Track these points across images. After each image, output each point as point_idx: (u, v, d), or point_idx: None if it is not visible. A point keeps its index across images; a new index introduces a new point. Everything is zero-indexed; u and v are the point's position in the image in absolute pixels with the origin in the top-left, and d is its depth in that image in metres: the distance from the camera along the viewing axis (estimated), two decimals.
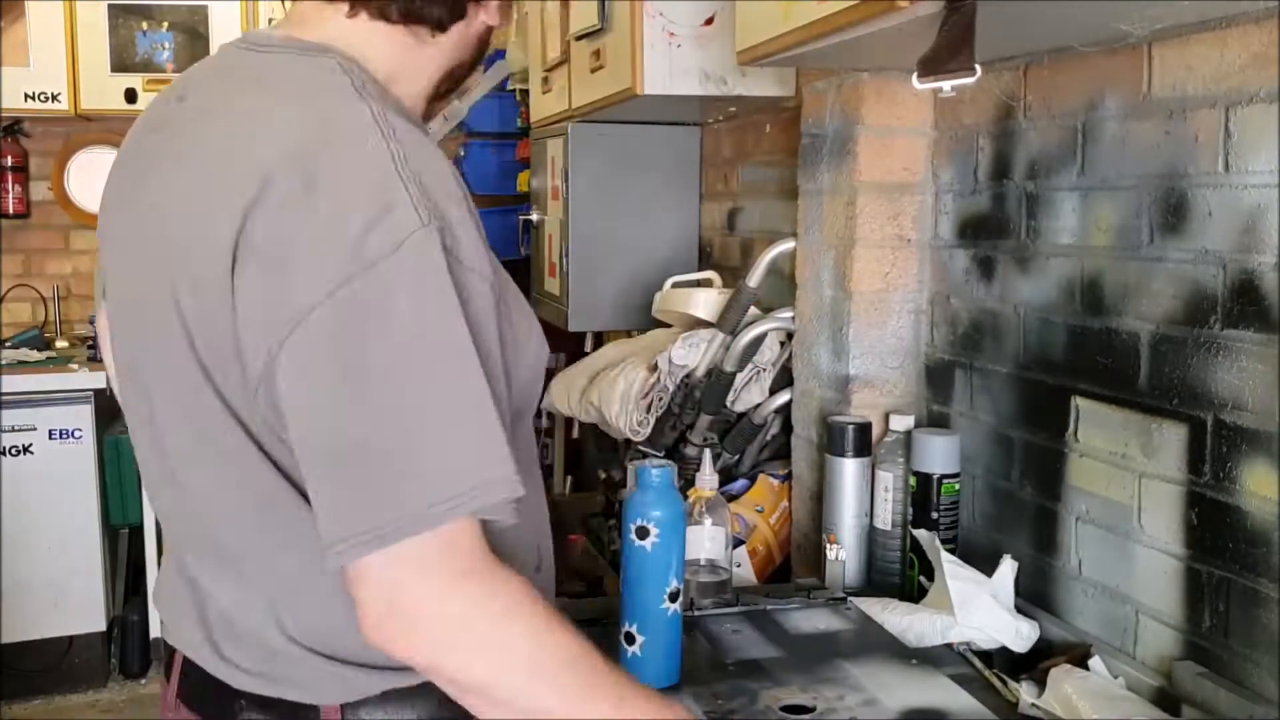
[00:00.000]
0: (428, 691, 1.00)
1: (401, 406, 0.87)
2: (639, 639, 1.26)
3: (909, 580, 1.63)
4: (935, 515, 1.59)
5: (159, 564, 3.47)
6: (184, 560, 1.07)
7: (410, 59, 1.07)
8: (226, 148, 0.96)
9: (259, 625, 1.01)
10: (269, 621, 1.00)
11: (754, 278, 1.99)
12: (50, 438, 3.43)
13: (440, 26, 1.06)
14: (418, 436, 0.87)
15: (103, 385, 3.41)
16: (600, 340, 2.99)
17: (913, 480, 1.62)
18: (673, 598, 1.25)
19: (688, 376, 2.08)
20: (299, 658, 1.00)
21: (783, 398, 1.98)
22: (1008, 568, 1.46)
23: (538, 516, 1.15)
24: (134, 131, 1.09)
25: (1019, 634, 1.41)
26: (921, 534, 1.57)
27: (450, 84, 1.14)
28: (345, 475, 0.89)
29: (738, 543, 1.81)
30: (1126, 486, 1.36)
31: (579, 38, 2.32)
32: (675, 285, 2.39)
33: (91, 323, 3.60)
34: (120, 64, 3.70)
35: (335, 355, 0.87)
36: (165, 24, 3.73)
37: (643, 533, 1.24)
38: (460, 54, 1.11)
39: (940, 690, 1.28)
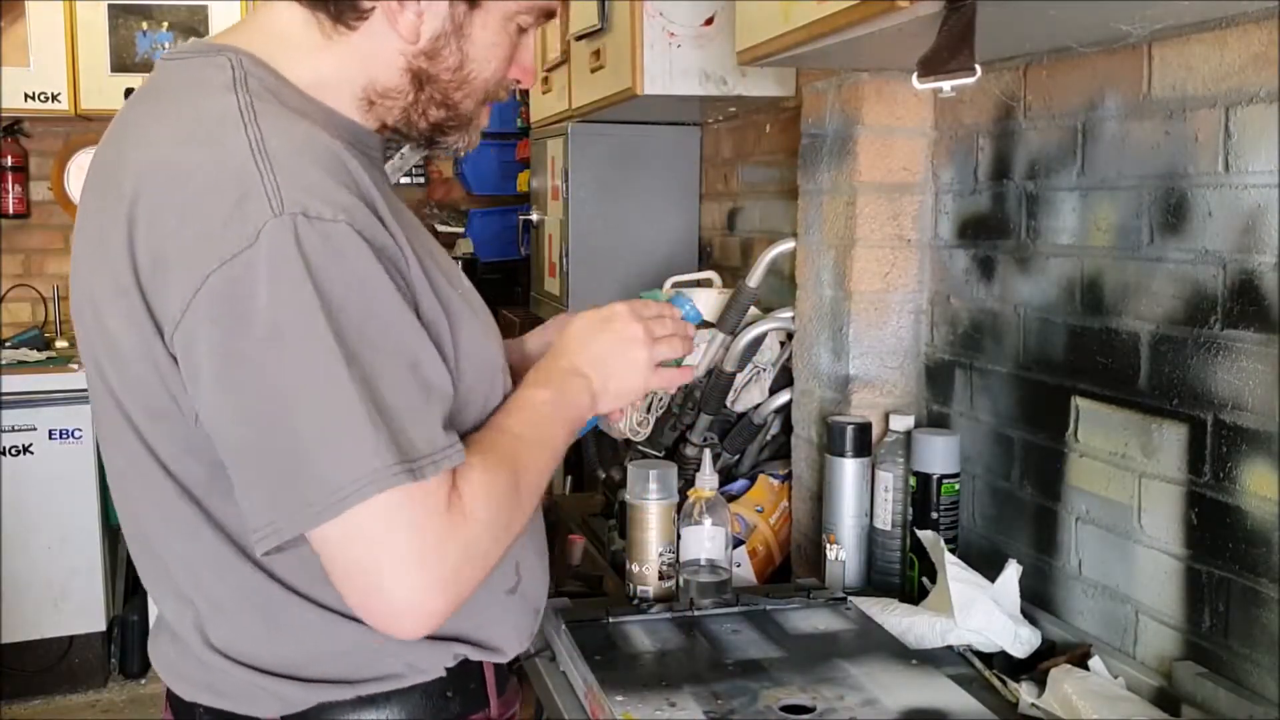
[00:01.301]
0: (371, 703, 1.01)
1: (271, 403, 0.86)
2: None
3: (909, 580, 1.63)
4: (935, 515, 1.59)
5: None
6: (141, 572, 1.08)
7: (320, 61, 1.02)
8: (115, 162, 0.97)
9: (190, 637, 1.02)
10: (197, 634, 1.01)
11: (754, 278, 1.99)
12: (50, 438, 3.43)
13: (339, 18, 1.00)
14: (287, 435, 0.86)
15: None
16: None
17: (913, 480, 1.62)
18: None
19: None
20: (228, 670, 1.00)
21: (783, 398, 1.98)
22: (1012, 572, 1.46)
23: (526, 539, 1.12)
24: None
25: (1019, 639, 1.41)
26: (926, 535, 1.57)
27: (397, 119, 1.07)
28: (241, 469, 0.90)
29: (738, 543, 1.80)
30: (1126, 486, 1.36)
31: (579, 38, 2.32)
32: (675, 285, 2.39)
33: None
34: (120, 64, 3.70)
35: (210, 351, 0.87)
36: (165, 24, 3.73)
37: None
38: (375, 68, 1.03)
39: (940, 690, 1.28)
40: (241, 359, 0.86)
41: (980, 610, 1.41)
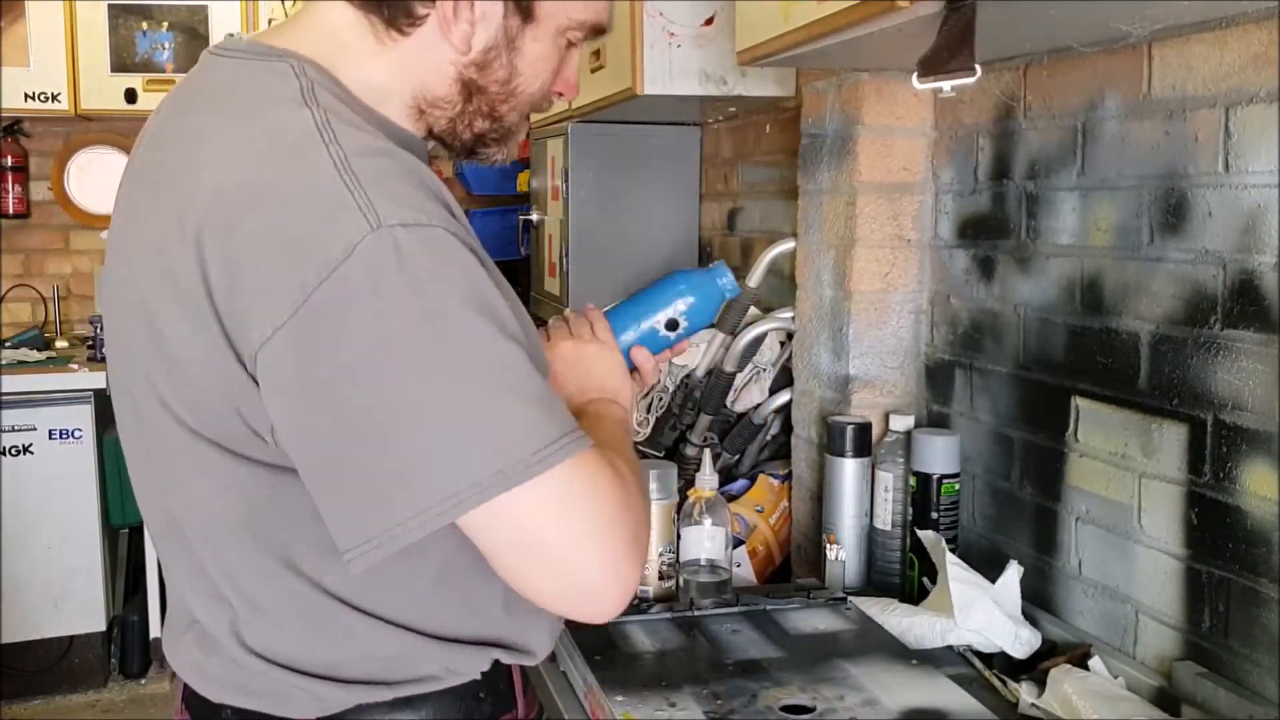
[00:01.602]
0: (407, 705, 1.00)
1: (375, 414, 0.84)
2: None
3: (909, 580, 1.63)
4: (935, 515, 1.59)
5: (159, 564, 3.47)
6: (171, 571, 1.07)
7: (373, 67, 1.01)
8: (178, 167, 0.94)
9: (224, 638, 1.01)
10: (232, 636, 1.00)
11: (754, 278, 1.99)
12: (50, 438, 3.43)
13: (392, 22, 0.99)
14: (392, 447, 0.85)
15: (103, 385, 3.41)
16: None
17: (913, 480, 1.62)
18: (670, 326, 1.34)
19: (688, 376, 2.08)
20: (265, 671, 0.99)
21: (783, 398, 1.98)
22: (1013, 573, 1.46)
23: None
24: (136, 144, 1.08)
25: (1019, 639, 1.41)
26: (927, 535, 1.57)
27: (443, 129, 1.06)
28: (331, 490, 0.88)
29: (738, 543, 1.81)
30: (1126, 486, 1.36)
31: None
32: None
33: (92, 323, 3.60)
34: (120, 64, 3.70)
35: (306, 370, 0.85)
36: (165, 24, 3.73)
37: (673, 325, 1.33)
38: (427, 76, 1.02)
39: (940, 690, 1.28)
40: (344, 374, 0.84)
41: (980, 610, 1.41)
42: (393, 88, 1.02)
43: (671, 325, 1.32)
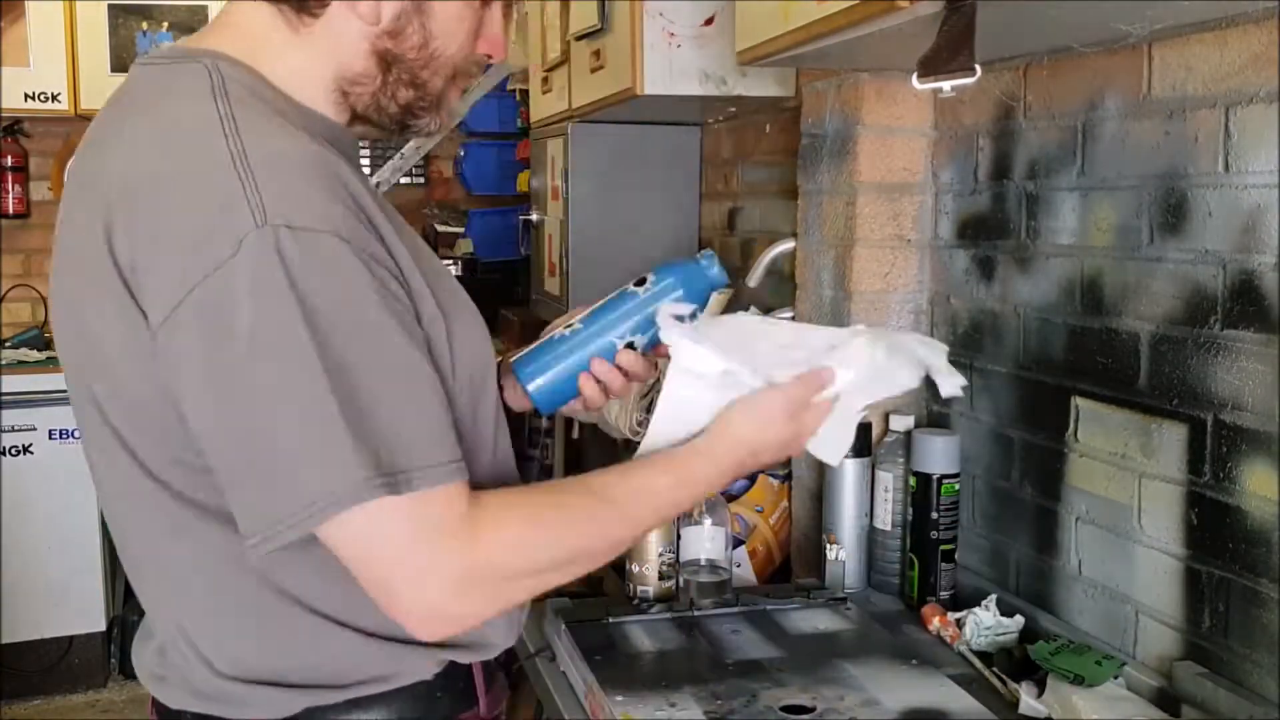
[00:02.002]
0: (359, 706, 1.00)
1: (253, 414, 0.87)
2: (570, 340, 1.26)
3: (909, 580, 1.63)
4: (935, 515, 1.59)
5: None
6: (129, 575, 1.07)
7: (290, 54, 1.01)
8: (94, 170, 0.96)
9: (175, 644, 1.01)
10: (183, 641, 1.00)
11: (754, 278, 1.99)
12: (50, 438, 3.43)
13: (301, 8, 0.99)
14: (268, 447, 0.87)
15: None
16: None
17: (913, 480, 1.62)
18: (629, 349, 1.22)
19: None
20: (213, 677, 1.00)
21: None
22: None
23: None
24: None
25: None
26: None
27: (367, 105, 1.05)
28: (229, 478, 0.91)
29: (738, 543, 1.80)
30: (1126, 486, 1.36)
31: (579, 38, 2.32)
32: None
33: None
34: (120, 64, 3.69)
35: (194, 362, 0.88)
36: (165, 24, 3.73)
37: (642, 283, 1.25)
38: (343, 56, 1.02)
39: (940, 690, 1.28)
40: (224, 370, 0.87)
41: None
42: (313, 75, 1.02)
43: (640, 283, 1.27)
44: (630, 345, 1.23)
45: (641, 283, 1.27)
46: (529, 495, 1.03)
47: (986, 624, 1.46)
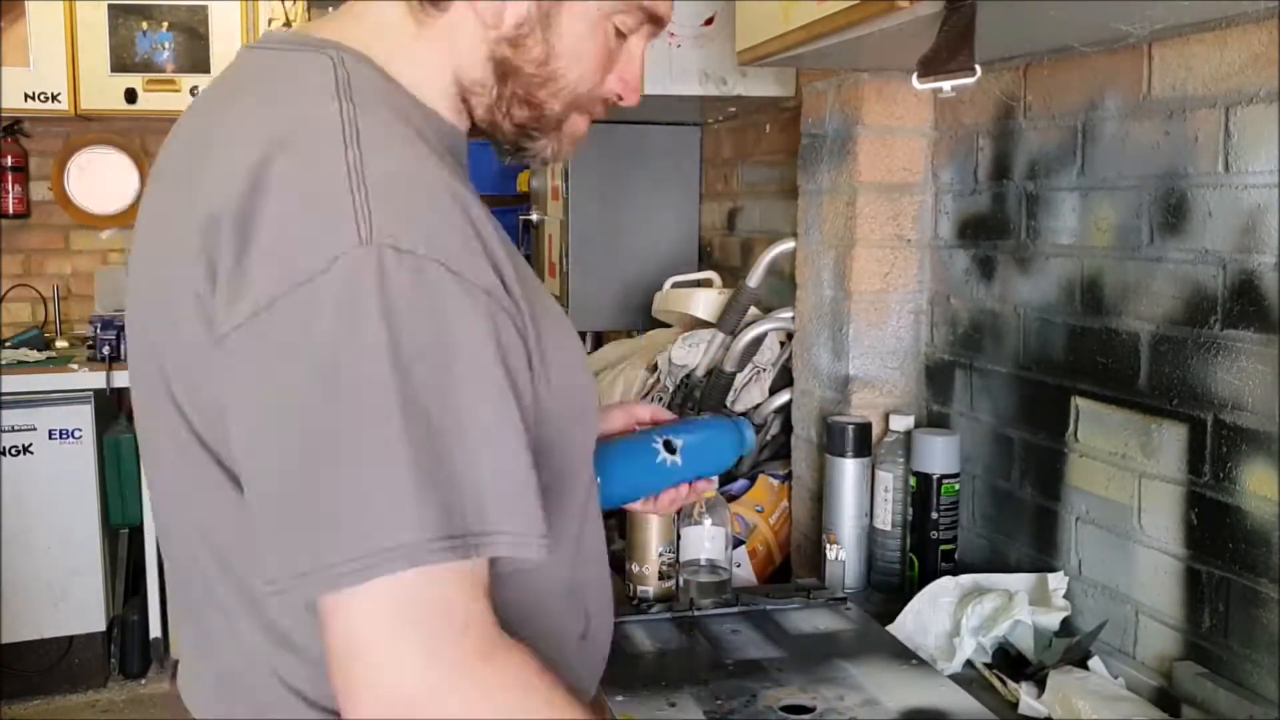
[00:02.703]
0: None
1: (310, 444, 0.77)
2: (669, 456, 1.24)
3: (909, 581, 1.63)
4: (935, 515, 1.59)
5: (159, 564, 3.47)
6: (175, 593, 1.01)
7: (414, 51, 0.95)
8: (201, 156, 0.90)
9: (202, 658, 0.95)
10: (210, 652, 0.94)
11: (754, 278, 1.99)
12: (50, 438, 3.43)
13: None
14: (319, 485, 0.77)
15: (103, 385, 3.41)
16: (600, 340, 2.99)
17: (913, 480, 1.62)
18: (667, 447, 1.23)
19: (688, 376, 2.08)
20: (306, 707, 0.90)
21: (783, 398, 1.98)
22: None
23: (592, 571, 1.03)
24: (162, 147, 1.03)
25: None
26: None
27: (483, 117, 1.00)
28: (265, 511, 0.81)
29: (738, 543, 1.81)
30: (1126, 486, 1.36)
31: None
32: (675, 285, 2.39)
33: (92, 323, 3.60)
34: (120, 64, 3.70)
35: (258, 378, 0.80)
36: (165, 24, 3.73)
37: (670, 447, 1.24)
38: (462, 58, 0.96)
39: (940, 690, 1.28)
40: (291, 391, 0.78)
41: None
42: (435, 75, 0.97)
43: (668, 447, 1.25)
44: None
45: (671, 448, 1.25)
46: (542, 668, 0.85)
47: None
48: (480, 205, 0.90)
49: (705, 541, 1.57)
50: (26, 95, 3.63)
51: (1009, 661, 1.40)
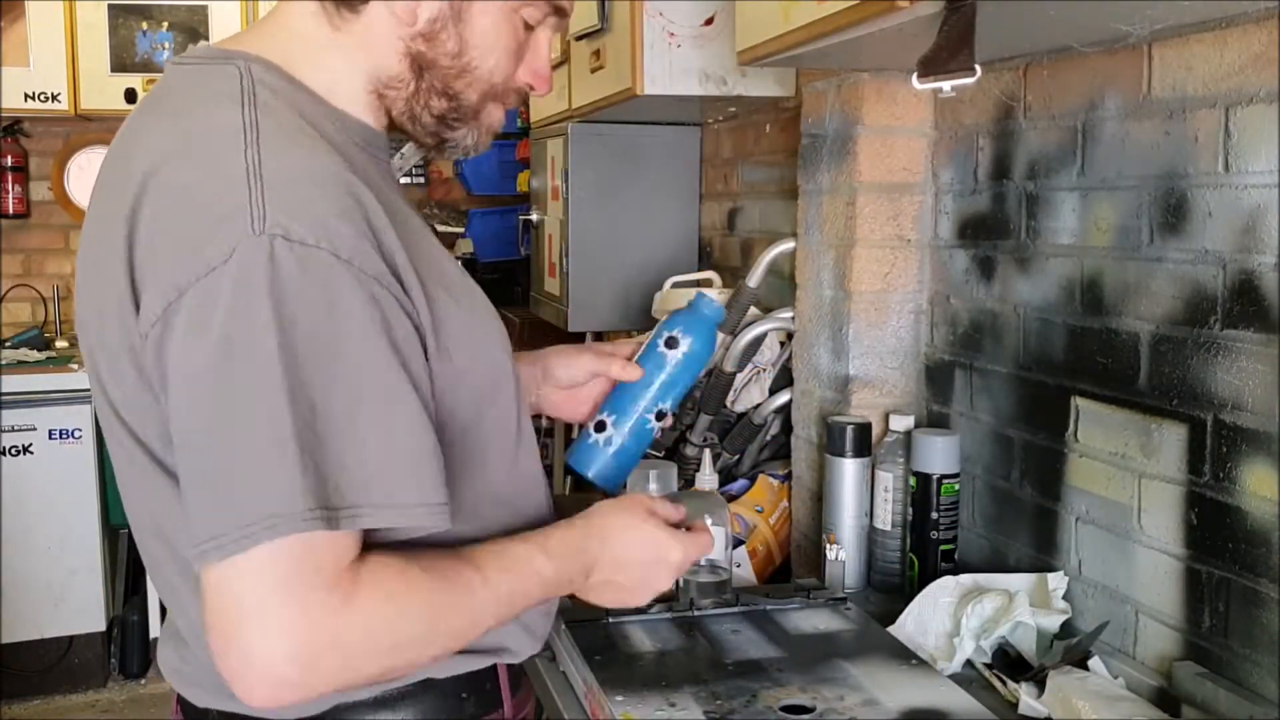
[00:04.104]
0: (386, 704, 1.00)
1: (211, 422, 0.85)
2: (610, 432, 1.33)
3: (909, 581, 1.63)
4: (935, 515, 1.59)
5: None
6: (151, 579, 1.07)
7: (327, 56, 1.02)
8: (120, 170, 0.96)
9: (199, 644, 0.99)
10: (199, 636, 0.98)
11: (754, 278, 1.99)
12: (50, 438, 3.44)
13: (344, 2, 1.00)
14: (218, 458, 0.84)
15: None
16: (600, 340, 2.99)
17: (913, 480, 1.62)
18: (659, 417, 1.35)
19: None
20: None
21: (783, 398, 1.98)
22: None
23: (528, 505, 1.13)
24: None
25: None
26: None
27: (401, 112, 1.05)
28: (184, 486, 0.88)
29: (738, 543, 1.80)
30: (1126, 486, 1.36)
31: (579, 38, 2.32)
32: (675, 285, 2.39)
33: None
34: (120, 64, 3.70)
35: (172, 365, 0.87)
36: (165, 24, 3.73)
37: (672, 343, 1.34)
38: (378, 57, 1.02)
39: (940, 690, 1.28)
40: (195, 375, 0.85)
41: None
42: (350, 77, 1.03)
43: (671, 343, 1.37)
44: (661, 414, 1.36)
45: (672, 344, 1.37)
46: (408, 573, 0.92)
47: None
48: (394, 196, 0.98)
49: None
50: (26, 95, 3.63)
51: (1009, 662, 1.40)
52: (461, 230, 4.18)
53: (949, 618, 1.44)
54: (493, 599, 0.97)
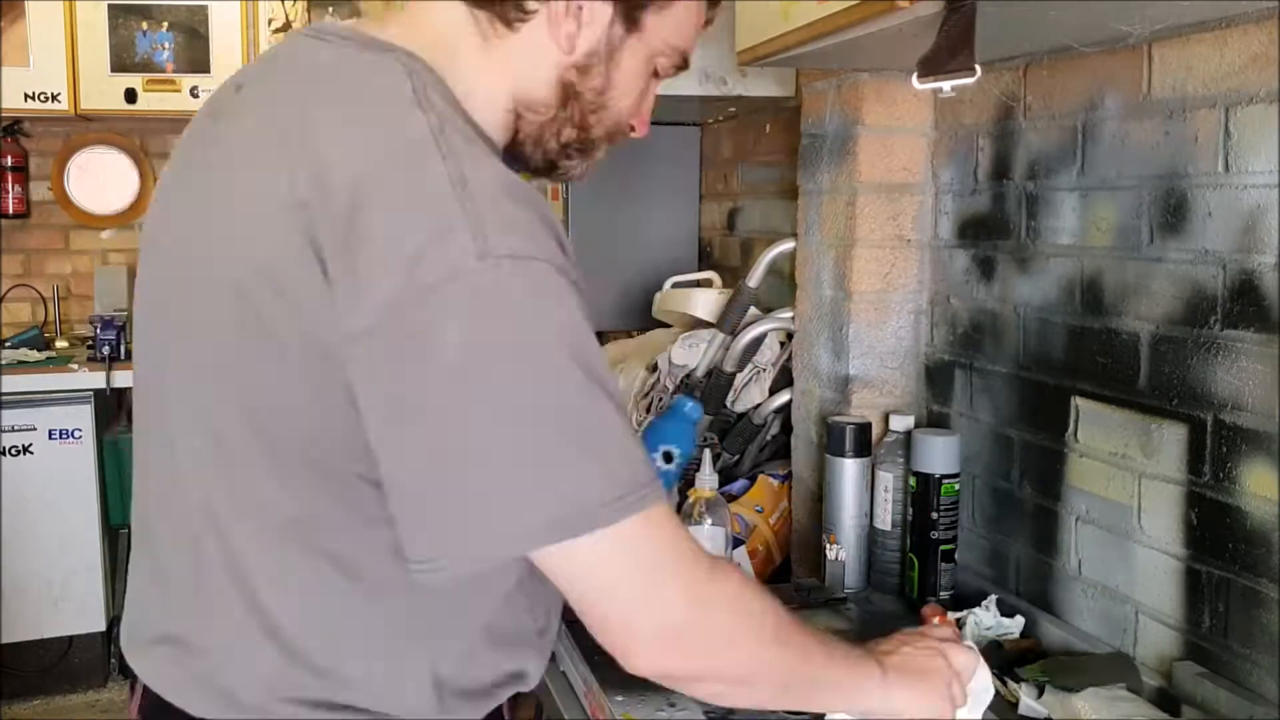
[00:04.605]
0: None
1: (460, 435, 0.84)
2: None
3: (909, 581, 1.63)
4: (935, 515, 1.59)
5: None
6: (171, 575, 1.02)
7: (474, 64, 0.99)
8: (279, 148, 0.91)
9: (221, 648, 0.97)
10: (225, 644, 0.97)
11: (754, 278, 1.99)
12: (50, 438, 3.43)
13: (502, 16, 0.97)
14: (459, 481, 0.85)
15: (102, 385, 3.41)
16: (600, 340, 2.98)
17: (913, 480, 1.62)
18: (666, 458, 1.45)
19: (688, 376, 2.08)
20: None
21: (783, 398, 1.98)
22: None
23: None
24: (193, 122, 1.04)
25: None
26: None
27: (529, 135, 1.04)
28: (405, 501, 0.88)
29: (738, 543, 1.80)
30: (1126, 486, 1.36)
31: None
32: (675, 285, 2.39)
33: (92, 322, 3.60)
34: (120, 64, 3.69)
35: (390, 381, 0.85)
36: (165, 24, 3.73)
37: (669, 457, 1.51)
38: (529, 78, 1.00)
39: None
40: (430, 393, 0.84)
41: None
42: (492, 89, 1.00)
43: (668, 458, 1.53)
44: None
45: (669, 458, 1.63)
46: (763, 596, 1.00)
47: (986, 624, 1.46)
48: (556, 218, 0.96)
49: (705, 541, 1.56)
50: (26, 95, 3.62)
51: (1009, 662, 1.40)
52: None
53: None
54: (819, 684, 1.03)
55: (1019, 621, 1.47)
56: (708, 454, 1.64)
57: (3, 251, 4.00)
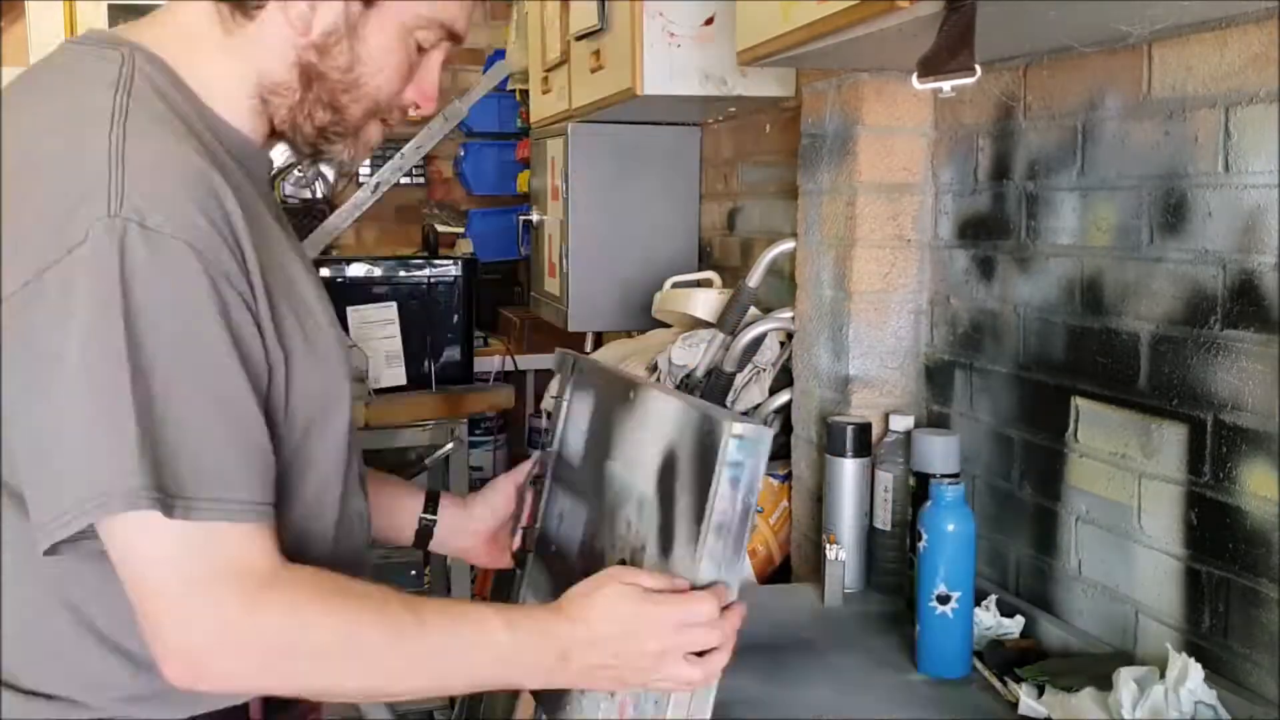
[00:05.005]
0: None
1: (56, 402, 0.87)
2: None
3: (909, 580, 1.62)
4: None
5: None
6: None
7: (213, 58, 1.02)
8: None
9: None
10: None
11: (754, 278, 1.99)
12: None
13: (238, 5, 1.00)
14: (61, 434, 0.87)
15: None
16: (600, 340, 2.99)
17: (912, 480, 1.62)
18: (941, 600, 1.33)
19: (688, 376, 2.08)
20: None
21: (783, 398, 1.98)
22: None
23: (348, 544, 1.10)
24: None
25: None
26: None
27: (284, 120, 1.05)
28: (25, 466, 0.90)
29: None
30: (1126, 486, 1.36)
31: (579, 38, 2.32)
32: (675, 285, 2.39)
33: None
34: None
35: (21, 343, 0.89)
36: None
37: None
38: (267, 62, 1.02)
39: (940, 690, 1.28)
40: (41, 356, 0.87)
41: None
42: (236, 82, 1.03)
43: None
44: None
45: None
46: (335, 577, 0.96)
47: (986, 624, 1.46)
48: (261, 209, 0.99)
49: None
50: None
51: (1009, 662, 1.40)
52: (461, 230, 4.18)
53: None
54: (425, 649, 0.95)
55: (1019, 621, 1.47)
56: None
57: None
